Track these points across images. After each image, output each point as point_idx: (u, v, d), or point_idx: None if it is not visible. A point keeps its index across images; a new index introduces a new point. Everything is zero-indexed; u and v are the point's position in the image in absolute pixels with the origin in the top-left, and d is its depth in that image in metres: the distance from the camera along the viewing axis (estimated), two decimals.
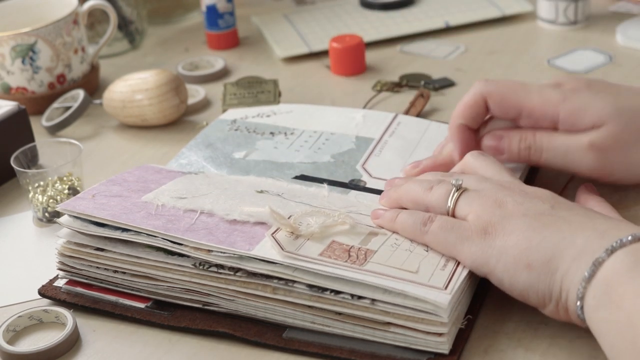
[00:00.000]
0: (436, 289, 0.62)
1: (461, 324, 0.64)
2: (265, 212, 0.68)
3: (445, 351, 0.62)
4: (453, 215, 0.67)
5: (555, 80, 0.77)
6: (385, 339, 0.63)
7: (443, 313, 0.61)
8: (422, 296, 0.61)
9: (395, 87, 1.04)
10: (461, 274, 0.64)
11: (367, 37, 1.14)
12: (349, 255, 0.65)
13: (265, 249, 0.66)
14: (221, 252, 0.66)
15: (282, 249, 0.65)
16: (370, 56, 1.12)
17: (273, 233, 0.67)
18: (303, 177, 0.82)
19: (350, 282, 0.63)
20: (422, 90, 1.02)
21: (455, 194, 0.67)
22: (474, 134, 0.78)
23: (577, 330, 0.64)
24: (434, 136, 0.87)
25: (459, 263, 0.65)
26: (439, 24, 1.18)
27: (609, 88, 0.75)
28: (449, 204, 0.67)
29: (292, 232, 0.67)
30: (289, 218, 0.69)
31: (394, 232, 0.69)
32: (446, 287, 0.62)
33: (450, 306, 0.61)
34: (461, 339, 0.64)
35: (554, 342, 0.64)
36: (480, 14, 1.19)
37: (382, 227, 0.70)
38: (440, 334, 0.62)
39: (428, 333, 0.62)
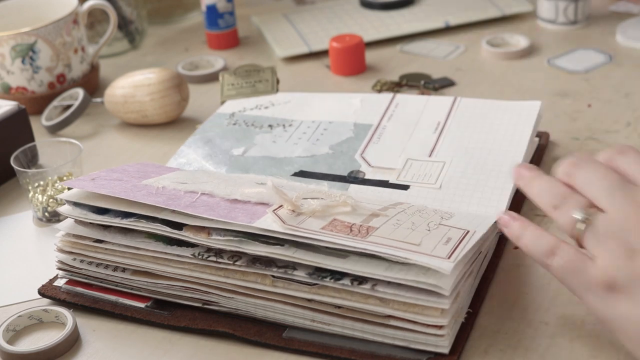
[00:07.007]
0: (439, 258, 0.61)
1: (462, 318, 0.64)
2: (267, 190, 0.68)
3: (445, 350, 0.62)
4: (580, 246, 0.60)
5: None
6: (384, 336, 0.63)
7: (446, 284, 0.60)
8: (426, 262, 0.60)
9: (395, 86, 1.04)
10: (465, 247, 0.63)
11: (367, 37, 1.14)
12: (351, 230, 0.65)
13: (267, 222, 0.65)
14: (221, 235, 0.66)
15: (284, 223, 0.65)
16: (370, 56, 1.12)
17: (275, 210, 0.67)
18: (302, 174, 0.82)
19: (351, 260, 0.63)
20: (422, 90, 1.02)
21: (581, 227, 0.59)
22: None
23: (577, 330, 0.64)
24: (433, 111, 0.88)
25: (462, 239, 0.64)
26: (439, 23, 1.18)
27: None
28: (574, 235, 0.60)
29: (293, 210, 0.67)
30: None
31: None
32: (449, 257, 0.61)
33: (453, 278, 0.60)
34: (461, 339, 0.63)
35: (554, 342, 0.64)
36: (480, 14, 1.19)
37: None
38: (440, 326, 0.61)
39: (428, 326, 0.61)
